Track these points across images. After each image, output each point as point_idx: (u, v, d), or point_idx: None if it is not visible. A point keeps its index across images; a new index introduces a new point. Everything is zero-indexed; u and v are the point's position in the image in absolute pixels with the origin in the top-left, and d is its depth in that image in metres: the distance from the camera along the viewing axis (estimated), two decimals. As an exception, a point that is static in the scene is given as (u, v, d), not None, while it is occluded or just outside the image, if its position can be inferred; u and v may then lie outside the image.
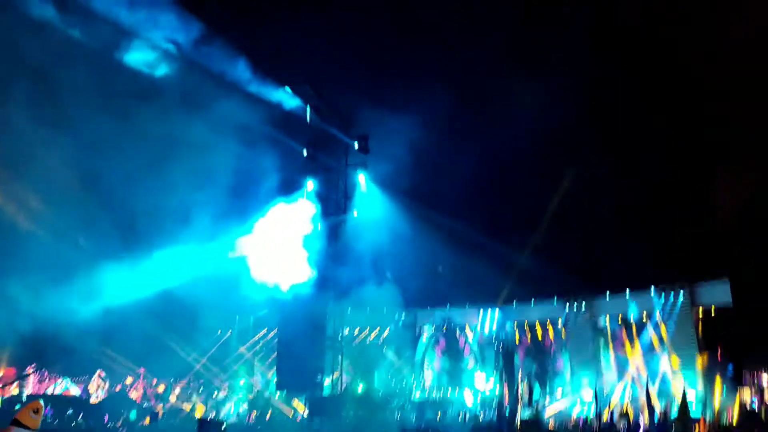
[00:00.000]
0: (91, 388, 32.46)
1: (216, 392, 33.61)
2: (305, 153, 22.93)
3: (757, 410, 23.37)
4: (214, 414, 28.21)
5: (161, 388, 33.25)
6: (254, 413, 27.63)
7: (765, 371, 31.15)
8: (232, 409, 31.35)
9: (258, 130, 20.56)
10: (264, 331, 35.80)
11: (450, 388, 34.93)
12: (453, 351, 37.28)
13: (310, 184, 22.60)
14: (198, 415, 29.52)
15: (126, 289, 16.22)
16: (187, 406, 30.98)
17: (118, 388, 32.71)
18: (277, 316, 26.12)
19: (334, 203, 23.13)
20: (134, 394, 32.50)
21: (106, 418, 25.31)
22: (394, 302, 33.30)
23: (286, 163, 23.53)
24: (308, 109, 22.15)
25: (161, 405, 30.42)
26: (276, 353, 22.51)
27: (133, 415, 27.67)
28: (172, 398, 32.43)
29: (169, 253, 17.13)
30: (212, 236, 18.99)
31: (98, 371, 32.83)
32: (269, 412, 27.19)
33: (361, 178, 23.18)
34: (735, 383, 27.57)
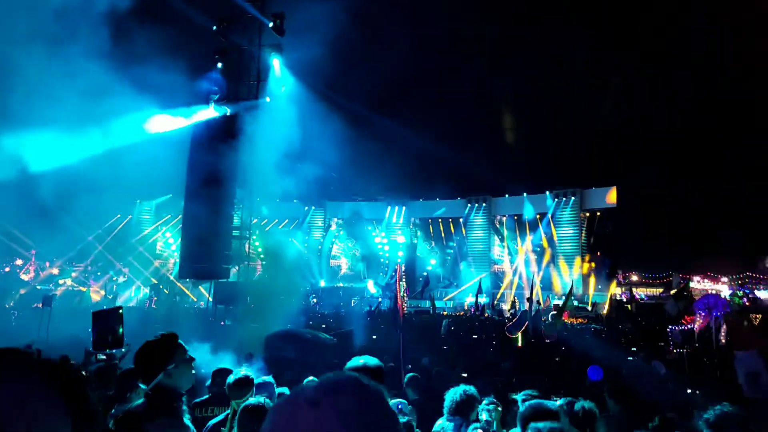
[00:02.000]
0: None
1: (115, 276, 32.81)
2: (214, 28, 21.07)
3: (625, 302, 26.45)
4: (110, 298, 27.69)
5: (55, 270, 31.92)
6: (154, 299, 27.35)
7: (635, 271, 35.35)
8: (132, 293, 30.91)
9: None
10: (167, 217, 34.85)
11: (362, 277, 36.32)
12: (363, 241, 38.51)
13: (218, 64, 21.07)
14: (96, 298, 28.88)
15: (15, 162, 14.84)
16: (84, 290, 30.14)
17: (7, 270, 31.02)
18: (181, 202, 25.31)
19: (246, 87, 21.79)
20: (25, 276, 31.02)
21: (-5, 299, 24.09)
22: (304, 193, 33.36)
23: (192, 39, 21.66)
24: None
25: (57, 288, 29.33)
26: (180, 240, 21.96)
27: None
28: (68, 281, 31.31)
29: (62, 128, 15.69)
30: (118, 113, 17.43)
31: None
32: (173, 297, 27.11)
33: (275, 63, 21.86)
34: (609, 280, 31.01)
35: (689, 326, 16.00)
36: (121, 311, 5.01)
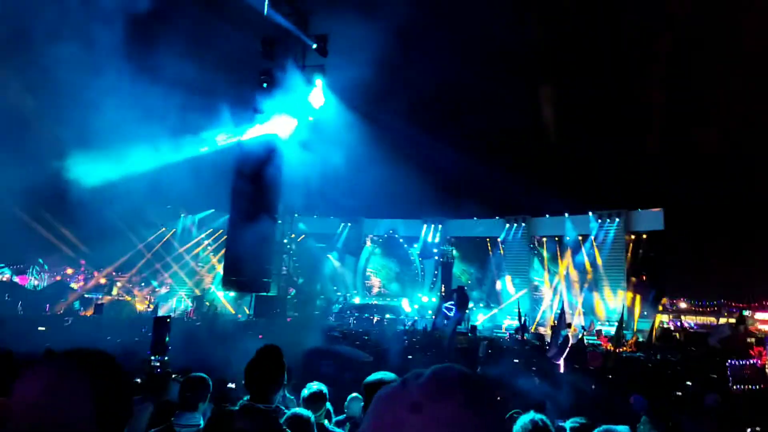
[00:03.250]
0: (31, 276, 31.85)
1: (158, 288, 33.71)
2: (261, 49, 21.66)
3: (673, 330, 25.55)
4: (152, 309, 28.43)
5: (103, 280, 32.99)
6: (193, 309, 27.93)
7: (683, 298, 34.07)
8: (174, 304, 31.64)
9: (210, 21, 19.18)
10: (209, 231, 35.69)
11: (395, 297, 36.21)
12: (398, 260, 38.49)
13: (263, 84, 21.60)
14: (140, 308, 29.67)
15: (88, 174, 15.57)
16: (130, 299, 31.03)
17: (57, 278, 32.22)
18: (222, 216, 25.84)
19: (289, 107, 22.26)
20: (75, 285, 32.14)
21: (48, 306, 25.00)
22: (342, 211, 33.73)
23: (238, 59, 22.27)
24: (266, 0, 20.71)
25: (103, 296, 30.29)
26: (224, 252, 22.46)
27: (76, 304, 27.48)
28: (115, 290, 32.30)
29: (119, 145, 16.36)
30: (172, 131, 18.12)
31: (38, 260, 32.11)
32: (214, 309, 27.65)
33: (318, 83, 22.29)
34: (654, 306, 30.01)
35: (754, 360, 15.13)
36: (169, 320, 5.17)
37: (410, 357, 16.00)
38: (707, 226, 31.50)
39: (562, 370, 14.46)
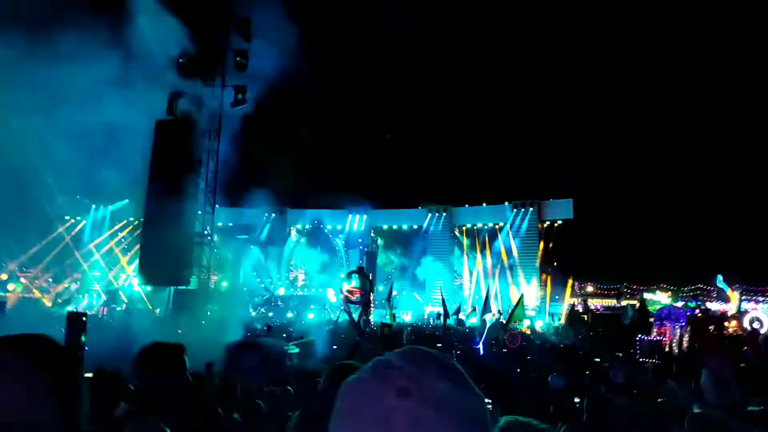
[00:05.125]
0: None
1: (68, 284, 31.64)
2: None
3: (581, 312, 27.19)
4: (61, 303, 26.70)
5: (4, 276, 30.52)
6: (105, 309, 26.44)
7: (590, 282, 36.39)
8: (86, 302, 29.83)
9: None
10: (123, 223, 33.90)
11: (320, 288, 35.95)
12: (323, 250, 38.25)
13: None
14: (49, 305, 27.80)
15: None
16: (38, 296, 28.99)
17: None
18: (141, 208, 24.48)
19: (213, 89, 21.28)
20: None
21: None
22: (265, 201, 33.05)
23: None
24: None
25: (9, 294, 28.04)
26: (139, 246, 21.42)
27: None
28: (20, 287, 29.93)
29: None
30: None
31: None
32: (124, 306, 26.38)
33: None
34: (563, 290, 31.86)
35: (657, 337, 16.55)
36: (85, 318, 4.92)
37: (335, 347, 16.07)
38: (611, 215, 33.85)
39: (482, 352, 15.09)
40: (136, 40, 16.69)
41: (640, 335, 16.15)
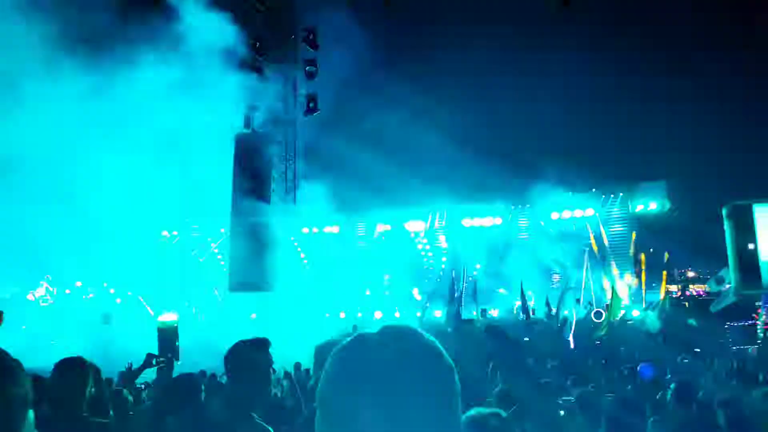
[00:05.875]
0: (39, 292, 31.82)
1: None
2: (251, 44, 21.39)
3: (683, 299, 25.61)
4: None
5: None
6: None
7: (690, 268, 33.93)
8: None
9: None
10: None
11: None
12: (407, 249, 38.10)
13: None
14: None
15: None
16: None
17: (68, 292, 32.24)
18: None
19: (284, 103, 22.07)
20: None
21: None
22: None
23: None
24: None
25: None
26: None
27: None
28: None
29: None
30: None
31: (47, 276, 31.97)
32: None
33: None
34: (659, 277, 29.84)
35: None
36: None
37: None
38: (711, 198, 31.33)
39: (572, 345, 14.57)
40: (207, 56, 17.50)
41: (728, 323, 14.98)
